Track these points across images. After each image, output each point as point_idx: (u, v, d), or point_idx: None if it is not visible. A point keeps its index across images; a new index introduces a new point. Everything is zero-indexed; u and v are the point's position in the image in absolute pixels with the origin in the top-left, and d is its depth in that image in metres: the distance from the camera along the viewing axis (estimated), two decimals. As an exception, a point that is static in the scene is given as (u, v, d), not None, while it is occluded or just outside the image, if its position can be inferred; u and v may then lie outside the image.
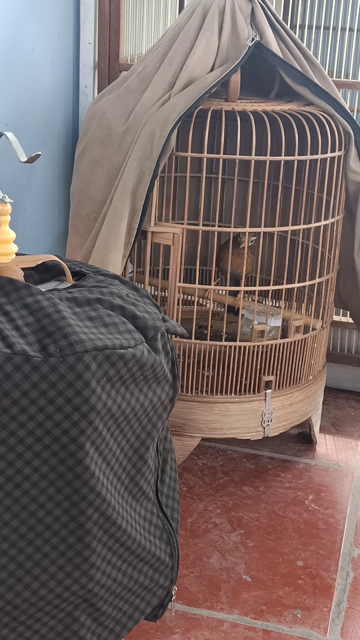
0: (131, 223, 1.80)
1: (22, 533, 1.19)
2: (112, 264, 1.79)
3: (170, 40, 1.90)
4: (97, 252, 1.81)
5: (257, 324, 1.95)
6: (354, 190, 1.98)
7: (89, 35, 2.24)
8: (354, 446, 2.21)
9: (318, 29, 2.33)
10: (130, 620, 1.35)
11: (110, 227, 1.79)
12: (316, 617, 1.60)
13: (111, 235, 1.79)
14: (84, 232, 1.91)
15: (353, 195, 1.99)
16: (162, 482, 1.41)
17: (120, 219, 1.79)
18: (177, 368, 1.35)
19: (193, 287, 1.91)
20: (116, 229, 1.79)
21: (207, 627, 1.56)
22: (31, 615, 1.23)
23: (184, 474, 2.03)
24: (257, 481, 2.03)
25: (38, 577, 1.21)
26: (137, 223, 1.79)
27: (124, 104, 1.87)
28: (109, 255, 1.79)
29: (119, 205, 1.79)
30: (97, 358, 1.17)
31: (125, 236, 1.80)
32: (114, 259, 1.79)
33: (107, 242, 1.80)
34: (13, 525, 1.18)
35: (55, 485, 1.18)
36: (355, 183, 1.96)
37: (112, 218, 1.79)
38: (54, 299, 1.22)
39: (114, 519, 1.24)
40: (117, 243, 1.79)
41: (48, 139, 2.14)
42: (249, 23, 1.87)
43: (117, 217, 1.79)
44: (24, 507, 1.18)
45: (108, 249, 1.79)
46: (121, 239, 1.80)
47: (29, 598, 1.21)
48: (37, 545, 1.20)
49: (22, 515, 1.18)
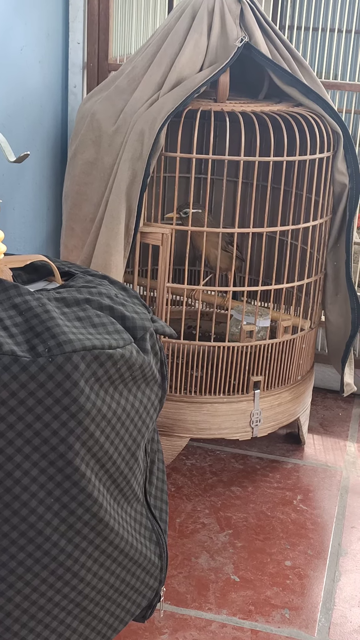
0: (128, 224, 1.80)
1: (14, 539, 1.18)
2: (115, 266, 1.79)
3: (159, 41, 1.90)
4: (99, 256, 1.81)
5: (245, 325, 1.95)
6: (339, 191, 1.98)
7: (78, 35, 2.24)
8: (342, 446, 2.21)
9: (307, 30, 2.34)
10: (119, 622, 1.35)
11: (109, 230, 1.79)
12: (304, 617, 1.61)
13: (111, 238, 1.79)
14: (82, 233, 1.91)
15: (338, 197, 1.99)
16: (150, 483, 1.41)
17: (118, 221, 1.79)
18: (166, 368, 1.35)
19: (182, 287, 1.91)
20: (115, 231, 1.79)
21: (195, 628, 1.56)
22: (23, 624, 1.22)
23: (173, 474, 2.03)
24: (246, 481, 2.03)
25: (30, 583, 1.20)
26: (134, 223, 1.79)
27: (113, 105, 1.87)
28: (111, 259, 1.79)
29: (115, 207, 1.79)
30: (85, 358, 1.17)
31: (124, 238, 1.80)
32: (116, 262, 1.80)
33: (108, 246, 1.79)
34: (4, 531, 1.17)
35: (45, 487, 1.18)
36: (340, 184, 1.97)
37: (110, 221, 1.79)
38: (43, 299, 1.22)
39: (105, 521, 1.24)
40: (118, 246, 1.79)
41: (37, 139, 2.14)
42: (238, 24, 1.87)
43: (114, 220, 1.79)
44: (14, 512, 1.17)
45: (110, 253, 1.79)
46: (121, 242, 1.80)
47: (21, 603, 1.21)
48: (28, 551, 1.19)
49: (13, 521, 1.17)
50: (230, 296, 2.05)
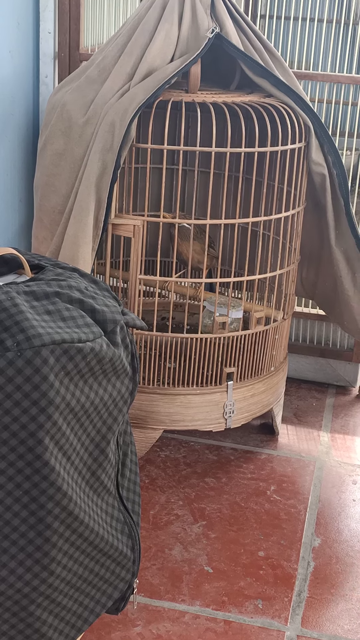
0: (97, 216, 1.79)
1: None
2: (83, 258, 1.78)
3: (130, 31, 1.88)
4: (67, 247, 1.80)
5: (218, 316, 1.95)
6: (319, 181, 1.98)
7: (49, 25, 2.22)
8: (316, 436, 2.22)
9: (279, 19, 2.33)
10: (91, 614, 1.35)
11: (77, 221, 1.78)
12: (277, 607, 1.61)
13: (79, 229, 1.78)
14: (50, 225, 1.90)
15: (319, 187, 1.99)
16: (123, 475, 1.41)
17: (87, 212, 1.78)
18: (137, 361, 1.35)
19: (154, 279, 1.91)
20: (83, 222, 1.78)
21: (168, 619, 1.57)
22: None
23: (147, 466, 2.03)
24: (220, 472, 2.03)
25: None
26: (103, 215, 1.78)
27: (83, 95, 1.86)
28: (79, 250, 1.78)
29: (84, 198, 1.78)
30: (55, 352, 1.16)
31: (92, 229, 1.79)
32: (84, 253, 1.79)
33: (76, 237, 1.78)
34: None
35: (14, 480, 1.17)
36: (319, 174, 1.97)
37: (79, 212, 1.78)
38: (12, 293, 1.21)
39: (75, 514, 1.24)
40: (86, 237, 1.78)
41: (8, 130, 2.12)
42: (209, 14, 1.87)
43: (83, 211, 1.78)
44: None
45: (77, 244, 1.78)
46: (89, 233, 1.79)
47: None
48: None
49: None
50: (203, 288, 2.04)
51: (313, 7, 2.29)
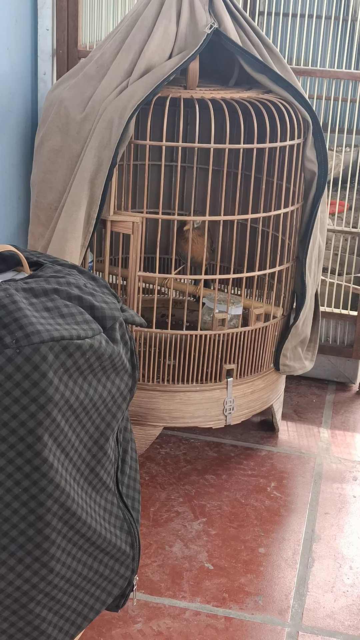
0: (90, 212, 1.78)
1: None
2: (70, 253, 1.78)
3: (128, 27, 1.88)
4: (55, 241, 1.79)
5: (218, 313, 1.95)
6: (309, 179, 1.98)
7: (47, 22, 2.21)
8: (316, 433, 2.22)
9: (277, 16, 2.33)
10: (91, 611, 1.35)
11: (67, 216, 1.78)
12: (277, 604, 1.61)
13: (68, 224, 1.78)
14: (46, 221, 1.90)
15: (308, 185, 1.99)
16: (123, 472, 1.41)
17: (78, 208, 1.77)
18: (136, 358, 1.35)
19: (153, 275, 1.91)
20: (74, 217, 1.77)
21: (169, 616, 1.56)
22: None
23: (147, 463, 2.03)
24: (220, 469, 2.03)
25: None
26: (96, 212, 1.78)
27: (81, 92, 1.85)
28: (66, 245, 1.78)
29: (76, 194, 1.77)
30: (54, 349, 1.16)
31: (83, 225, 1.78)
32: (71, 248, 1.78)
33: (65, 231, 1.78)
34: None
35: (13, 478, 1.17)
36: (310, 172, 1.96)
37: (70, 207, 1.78)
38: (10, 290, 1.21)
39: (73, 511, 1.24)
40: (75, 232, 1.78)
41: (6, 127, 2.12)
42: (207, 10, 1.86)
43: (74, 206, 1.77)
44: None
45: (65, 238, 1.78)
46: (79, 228, 1.78)
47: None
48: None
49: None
50: (202, 284, 2.04)
51: (311, 3, 2.29)
